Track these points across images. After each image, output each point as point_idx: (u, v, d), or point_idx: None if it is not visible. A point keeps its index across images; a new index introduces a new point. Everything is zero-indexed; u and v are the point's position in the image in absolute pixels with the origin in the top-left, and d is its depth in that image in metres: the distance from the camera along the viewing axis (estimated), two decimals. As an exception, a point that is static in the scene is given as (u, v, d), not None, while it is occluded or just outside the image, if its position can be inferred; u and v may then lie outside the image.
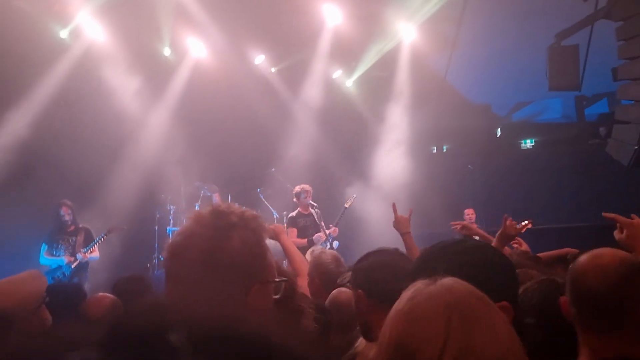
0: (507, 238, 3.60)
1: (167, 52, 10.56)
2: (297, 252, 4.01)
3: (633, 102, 7.37)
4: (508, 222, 3.56)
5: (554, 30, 9.17)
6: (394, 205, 4.09)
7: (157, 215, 9.68)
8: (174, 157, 10.07)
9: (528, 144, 12.35)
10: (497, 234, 3.62)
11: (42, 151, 8.90)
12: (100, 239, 7.59)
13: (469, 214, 9.78)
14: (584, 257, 1.79)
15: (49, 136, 8.97)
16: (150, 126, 10.10)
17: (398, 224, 3.94)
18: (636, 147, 7.01)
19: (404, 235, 3.87)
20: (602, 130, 9.91)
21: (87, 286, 6.82)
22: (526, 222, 3.92)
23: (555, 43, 9.00)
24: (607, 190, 9.91)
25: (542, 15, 9.88)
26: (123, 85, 9.75)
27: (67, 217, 7.62)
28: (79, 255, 7.48)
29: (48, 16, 9.28)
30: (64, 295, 3.12)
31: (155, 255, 9.43)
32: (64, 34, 9.58)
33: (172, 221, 9.61)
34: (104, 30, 9.63)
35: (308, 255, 4.28)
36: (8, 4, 8.37)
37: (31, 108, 8.97)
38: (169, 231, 9.57)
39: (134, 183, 9.49)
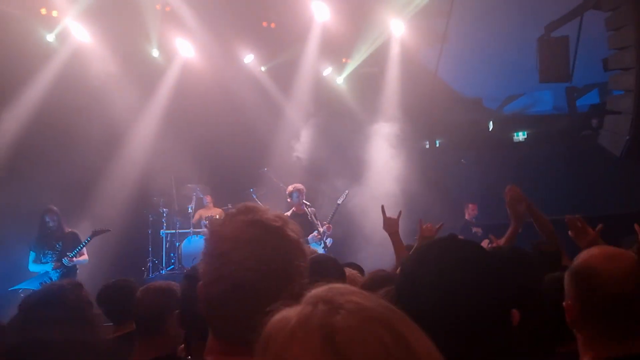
0: (425, 240, 3.74)
1: (155, 53, 10.48)
2: None
3: (624, 92, 7.35)
4: (424, 227, 3.89)
5: (544, 22, 9.13)
6: (382, 208, 4.23)
7: (150, 219, 9.58)
8: (165, 158, 9.99)
9: (520, 136, 12.33)
10: (417, 238, 3.97)
11: (30, 155, 8.82)
12: (86, 243, 7.51)
13: (473, 209, 9.83)
14: (595, 259, 1.71)
15: (38, 139, 8.92)
16: (140, 128, 10.02)
17: (387, 225, 4.12)
18: (628, 138, 7.00)
19: (391, 235, 4.07)
20: (594, 121, 9.90)
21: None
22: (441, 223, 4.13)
23: (544, 35, 8.97)
24: (599, 181, 9.91)
25: (531, 7, 9.86)
26: (112, 87, 9.66)
27: (52, 224, 7.50)
28: (65, 260, 7.37)
29: (34, 20, 9.23)
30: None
31: (150, 258, 9.34)
32: (50, 37, 9.57)
33: (165, 224, 9.51)
34: (91, 32, 9.61)
35: None
36: None
37: (19, 111, 8.95)
38: (162, 234, 9.49)
39: (125, 186, 9.41)
